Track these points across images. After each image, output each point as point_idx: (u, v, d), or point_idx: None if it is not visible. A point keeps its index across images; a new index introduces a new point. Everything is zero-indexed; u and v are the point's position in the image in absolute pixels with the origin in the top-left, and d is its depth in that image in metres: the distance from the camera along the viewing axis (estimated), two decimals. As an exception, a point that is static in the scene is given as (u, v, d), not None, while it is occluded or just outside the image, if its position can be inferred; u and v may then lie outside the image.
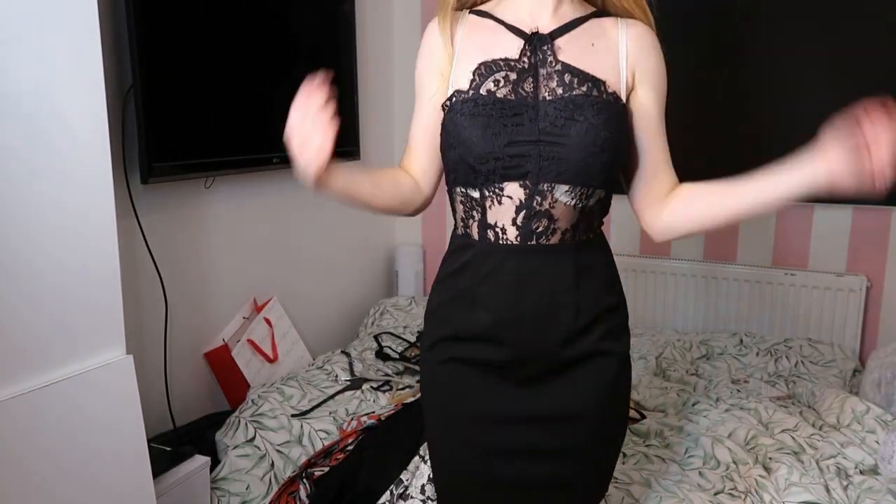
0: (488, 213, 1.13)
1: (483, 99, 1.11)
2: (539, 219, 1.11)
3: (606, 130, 1.09)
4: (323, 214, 2.94)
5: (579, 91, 1.11)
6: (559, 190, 1.10)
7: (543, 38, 1.14)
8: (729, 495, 1.69)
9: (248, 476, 1.96)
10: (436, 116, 1.19)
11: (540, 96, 1.11)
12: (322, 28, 2.73)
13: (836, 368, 2.51)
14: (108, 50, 1.92)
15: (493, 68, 1.13)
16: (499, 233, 1.13)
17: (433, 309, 1.23)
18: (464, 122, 1.11)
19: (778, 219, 2.81)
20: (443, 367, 1.20)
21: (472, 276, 1.15)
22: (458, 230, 1.21)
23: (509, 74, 1.12)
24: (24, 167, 1.33)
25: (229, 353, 2.39)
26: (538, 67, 1.13)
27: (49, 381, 1.39)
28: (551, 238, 1.12)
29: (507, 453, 1.18)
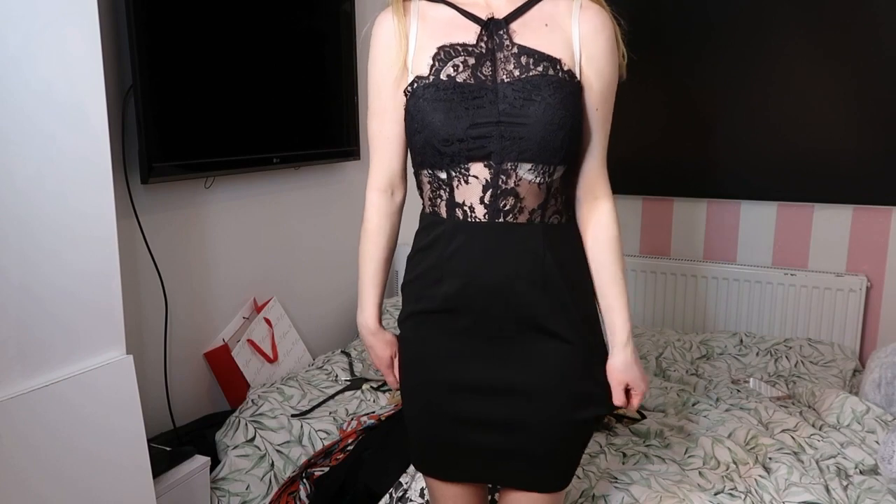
0: (456, 193, 1.18)
1: (444, 84, 1.15)
2: (505, 197, 1.16)
3: (563, 108, 1.14)
4: (323, 214, 2.94)
5: (535, 72, 1.15)
6: (522, 168, 1.15)
7: (499, 22, 1.19)
8: (729, 495, 1.69)
9: (248, 476, 1.96)
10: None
11: (498, 79, 1.16)
12: (322, 28, 2.73)
13: (836, 368, 2.51)
14: (108, 50, 1.92)
15: (452, 53, 1.17)
16: (467, 211, 1.18)
17: (405, 284, 1.30)
18: (426, 107, 1.15)
19: (778, 219, 2.81)
20: (412, 339, 1.29)
21: (441, 251, 1.20)
22: (426, 209, 1.27)
23: (468, 59, 1.16)
24: (24, 167, 1.33)
25: (229, 353, 2.39)
26: (495, 52, 1.17)
27: (49, 381, 1.39)
28: (519, 216, 1.17)
29: (468, 421, 1.25)
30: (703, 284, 2.89)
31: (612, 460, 1.87)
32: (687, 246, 2.95)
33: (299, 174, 2.78)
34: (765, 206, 2.81)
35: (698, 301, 2.91)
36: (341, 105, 2.85)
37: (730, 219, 2.88)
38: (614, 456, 1.89)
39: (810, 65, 2.64)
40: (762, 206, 2.82)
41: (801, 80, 2.65)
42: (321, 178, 2.91)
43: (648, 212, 2.97)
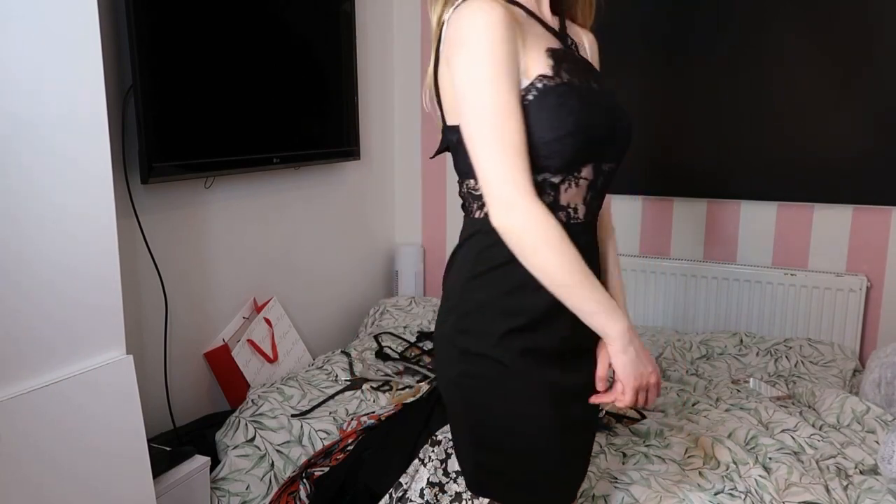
0: (562, 196, 1.13)
1: (574, 84, 1.11)
2: (599, 197, 1.20)
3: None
4: (323, 214, 2.94)
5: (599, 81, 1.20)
6: (609, 167, 1.19)
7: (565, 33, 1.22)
8: (729, 495, 1.69)
9: (248, 476, 1.96)
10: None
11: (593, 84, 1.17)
12: (322, 28, 2.73)
13: (836, 368, 2.51)
14: (108, 50, 1.93)
15: (560, 56, 1.13)
16: (570, 213, 1.15)
17: (488, 301, 1.15)
18: (576, 107, 1.10)
19: (778, 219, 2.81)
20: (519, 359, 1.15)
21: None
22: None
23: (573, 65, 1.14)
24: (24, 167, 1.33)
25: (229, 353, 2.39)
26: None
27: (49, 381, 1.39)
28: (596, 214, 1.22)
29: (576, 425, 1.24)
30: (703, 284, 2.89)
31: (612, 460, 1.87)
32: (687, 246, 2.95)
33: (299, 174, 2.78)
34: (765, 206, 2.81)
35: (698, 301, 2.91)
36: (341, 105, 2.85)
37: (730, 219, 2.88)
38: (614, 456, 1.89)
39: (810, 65, 2.64)
40: (762, 206, 2.82)
41: (802, 80, 2.65)
42: (321, 178, 2.91)
43: (648, 212, 2.97)
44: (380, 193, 3.33)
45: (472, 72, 1.05)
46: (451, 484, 1.72)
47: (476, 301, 1.16)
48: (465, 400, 1.21)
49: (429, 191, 3.40)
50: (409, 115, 3.36)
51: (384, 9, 3.24)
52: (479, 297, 1.16)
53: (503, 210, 1.06)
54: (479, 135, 1.06)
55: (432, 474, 1.74)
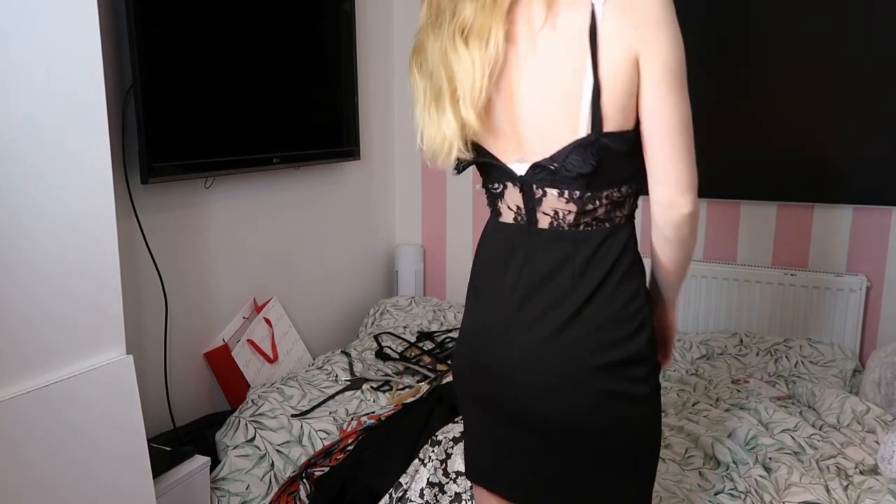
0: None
1: None
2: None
3: None
4: (323, 214, 2.94)
5: None
6: None
7: None
8: (729, 495, 1.69)
9: (248, 476, 1.96)
10: None
11: None
12: (322, 28, 2.73)
13: (836, 368, 2.51)
14: (108, 50, 1.93)
15: None
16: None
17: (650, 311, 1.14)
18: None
19: (778, 219, 2.81)
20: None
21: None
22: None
23: None
24: (24, 167, 1.33)
25: (229, 353, 2.39)
26: None
27: (49, 381, 1.39)
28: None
29: None
30: (703, 284, 2.89)
31: (612, 460, 1.87)
32: (687, 246, 2.95)
33: (299, 174, 2.78)
34: (765, 206, 2.81)
35: (698, 301, 2.91)
36: (341, 105, 2.85)
37: (730, 219, 2.88)
38: (614, 456, 1.89)
39: (810, 65, 2.64)
40: (762, 206, 2.82)
41: (802, 80, 2.65)
42: (321, 178, 2.91)
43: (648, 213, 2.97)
44: (380, 193, 3.33)
45: (682, 54, 1.01)
46: (450, 484, 1.73)
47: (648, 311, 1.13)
48: (656, 415, 1.17)
49: (429, 191, 3.40)
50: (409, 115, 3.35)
51: (384, 9, 3.24)
52: (648, 309, 1.13)
53: (693, 193, 1.08)
54: (688, 118, 1.05)
55: (432, 474, 1.74)
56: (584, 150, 1.03)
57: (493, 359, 1.13)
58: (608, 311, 1.07)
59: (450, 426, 1.89)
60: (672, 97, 1.02)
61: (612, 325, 1.07)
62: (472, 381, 1.19)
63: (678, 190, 1.06)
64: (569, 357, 1.07)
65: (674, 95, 1.02)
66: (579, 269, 1.07)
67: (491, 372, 1.14)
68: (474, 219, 3.33)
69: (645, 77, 1.01)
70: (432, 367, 2.56)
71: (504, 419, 1.15)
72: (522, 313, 1.10)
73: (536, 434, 1.13)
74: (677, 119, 1.03)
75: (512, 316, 1.11)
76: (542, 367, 1.08)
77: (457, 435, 1.85)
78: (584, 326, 1.07)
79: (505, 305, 1.12)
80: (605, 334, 1.07)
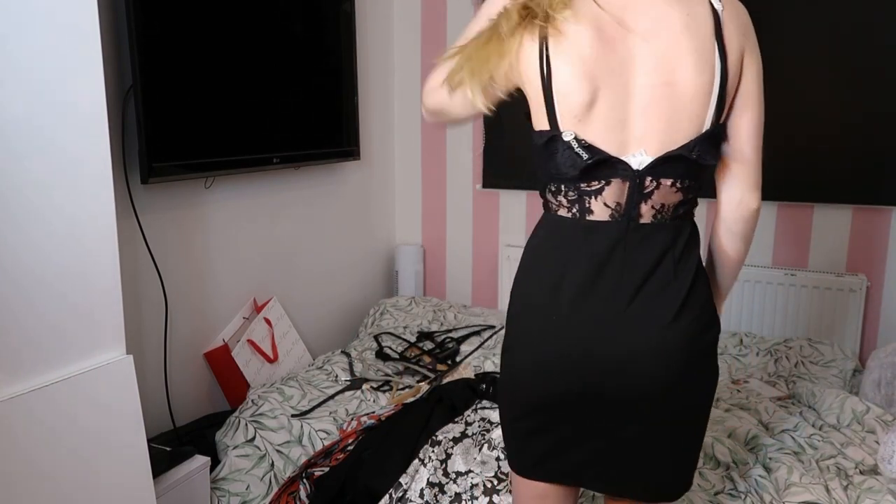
0: None
1: None
2: None
3: None
4: (323, 214, 2.94)
5: None
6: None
7: None
8: (729, 495, 1.69)
9: (248, 476, 1.96)
10: None
11: None
12: (322, 28, 2.73)
13: (836, 368, 2.51)
14: (108, 50, 1.93)
15: None
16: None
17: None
18: None
19: (778, 219, 2.81)
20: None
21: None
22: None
23: None
24: (24, 167, 1.33)
25: (229, 353, 2.39)
26: None
27: (49, 381, 1.39)
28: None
29: None
30: (703, 284, 2.89)
31: (612, 460, 1.87)
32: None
33: (299, 174, 2.78)
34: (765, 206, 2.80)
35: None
36: (341, 105, 2.85)
37: (730, 219, 2.88)
38: (614, 456, 1.89)
39: (810, 64, 2.64)
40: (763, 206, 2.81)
41: (801, 79, 2.65)
42: (321, 178, 2.91)
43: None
44: (380, 193, 3.33)
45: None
46: (450, 484, 1.73)
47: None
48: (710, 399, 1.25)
49: (429, 191, 3.40)
50: (409, 115, 3.36)
51: (384, 9, 3.24)
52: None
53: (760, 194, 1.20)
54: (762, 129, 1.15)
55: (432, 474, 1.74)
56: (711, 141, 1.11)
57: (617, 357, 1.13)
58: (705, 293, 1.17)
59: (450, 426, 1.89)
60: (761, 99, 1.13)
61: (708, 304, 1.17)
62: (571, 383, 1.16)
63: (749, 186, 1.18)
64: (688, 342, 1.14)
65: (761, 99, 1.13)
66: (678, 258, 1.14)
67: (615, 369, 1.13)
68: (474, 219, 3.33)
69: (745, 79, 1.12)
70: (432, 367, 2.56)
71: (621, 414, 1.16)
72: (634, 306, 1.12)
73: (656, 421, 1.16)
74: (762, 121, 1.14)
75: (622, 311, 1.12)
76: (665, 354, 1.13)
77: (457, 435, 1.85)
78: (693, 310, 1.14)
79: (614, 304, 1.13)
80: (706, 315, 1.17)
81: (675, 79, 1.07)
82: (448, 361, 2.60)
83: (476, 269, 3.38)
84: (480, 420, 1.91)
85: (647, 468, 1.19)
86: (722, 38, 1.08)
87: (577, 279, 1.13)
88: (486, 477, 1.71)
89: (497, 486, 1.69)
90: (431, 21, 3.26)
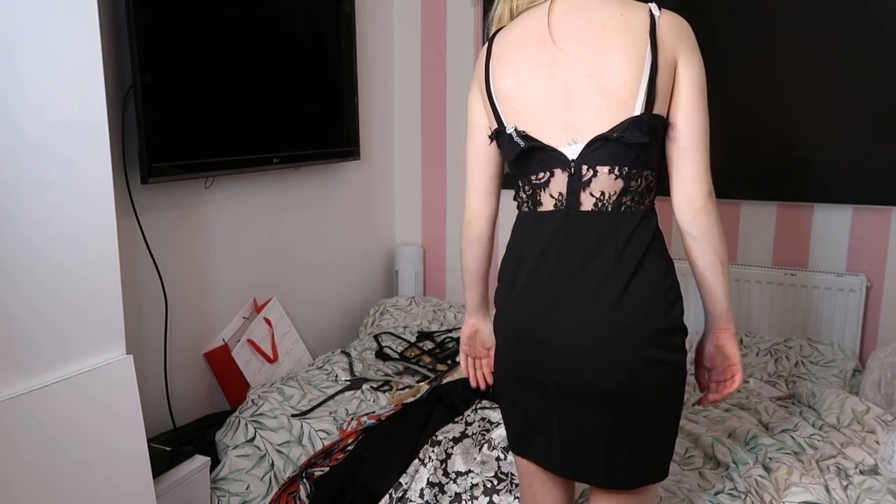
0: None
1: None
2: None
3: None
4: (323, 214, 2.94)
5: None
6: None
7: None
8: (729, 495, 1.69)
9: (248, 476, 1.96)
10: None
11: None
12: (322, 28, 2.73)
13: (836, 368, 2.51)
14: (108, 50, 1.93)
15: None
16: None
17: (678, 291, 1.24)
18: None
19: (778, 219, 2.81)
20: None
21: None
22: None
23: None
24: (24, 167, 1.33)
25: (229, 353, 2.39)
26: None
27: (49, 381, 1.39)
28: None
29: None
30: (703, 284, 2.89)
31: (612, 460, 1.87)
32: (687, 246, 2.96)
33: (299, 174, 2.78)
34: (765, 206, 2.81)
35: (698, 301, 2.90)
36: (341, 105, 2.85)
37: (730, 219, 2.87)
38: (614, 456, 1.89)
39: (810, 64, 2.64)
40: (763, 206, 2.82)
41: (802, 79, 2.65)
42: (321, 178, 2.91)
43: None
44: (380, 193, 3.33)
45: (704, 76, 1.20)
46: (450, 484, 1.73)
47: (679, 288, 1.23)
48: (685, 381, 1.26)
49: (429, 191, 3.40)
50: (409, 115, 3.36)
51: (384, 9, 3.24)
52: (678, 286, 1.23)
53: (710, 194, 1.20)
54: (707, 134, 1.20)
55: (432, 474, 1.74)
56: (639, 125, 1.15)
57: (547, 339, 1.20)
58: (651, 285, 1.17)
59: (450, 426, 1.89)
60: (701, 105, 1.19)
61: (654, 297, 1.17)
62: (521, 362, 1.25)
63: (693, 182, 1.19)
64: (624, 328, 1.16)
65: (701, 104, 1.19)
66: (621, 247, 1.17)
67: (546, 350, 1.20)
68: (474, 219, 3.33)
69: (680, 80, 1.18)
70: (432, 367, 2.56)
71: (557, 396, 1.21)
72: (573, 292, 1.18)
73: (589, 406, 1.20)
74: (702, 122, 1.18)
75: (561, 297, 1.19)
76: (602, 341, 1.16)
77: (457, 435, 1.85)
78: (633, 299, 1.16)
79: (551, 288, 1.20)
80: (650, 306, 1.17)
81: (604, 69, 1.15)
82: (448, 361, 2.60)
83: (476, 269, 3.37)
84: (480, 420, 1.91)
85: (594, 454, 1.22)
86: (655, 36, 1.16)
87: (527, 267, 1.23)
88: (486, 477, 1.71)
89: (497, 486, 1.69)
90: (431, 21, 3.26)
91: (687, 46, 1.19)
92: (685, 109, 1.18)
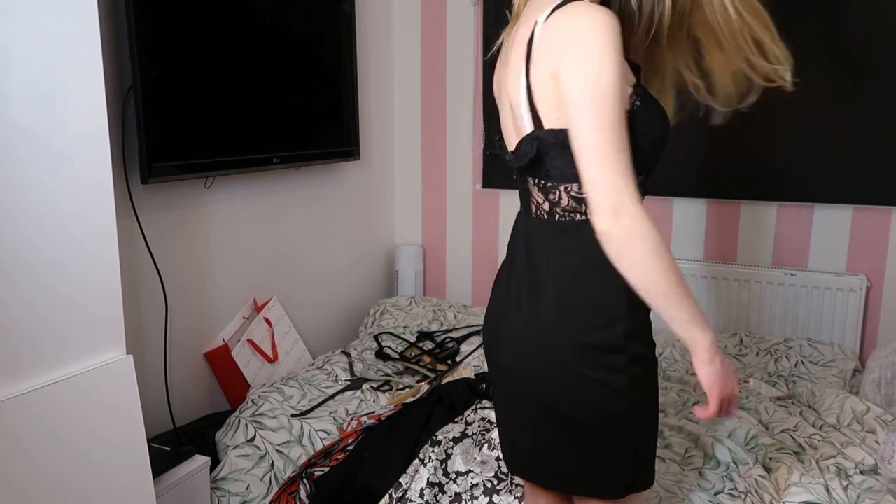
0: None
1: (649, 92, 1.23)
2: None
3: None
4: (323, 214, 2.94)
5: None
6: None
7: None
8: (729, 495, 1.69)
9: (248, 476, 1.96)
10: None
11: None
12: (322, 28, 2.73)
13: (836, 368, 2.51)
14: (108, 50, 1.93)
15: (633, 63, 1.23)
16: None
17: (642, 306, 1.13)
18: (660, 113, 1.20)
19: (778, 219, 2.81)
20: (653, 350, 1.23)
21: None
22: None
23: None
24: (23, 167, 1.33)
25: (229, 353, 2.39)
26: None
27: (49, 381, 1.39)
28: None
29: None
30: (703, 284, 2.89)
31: (612, 460, 1.87)
32: (687, 246, 2.95)
33: (299, 174, 2.78)
34: (765, 206, 2.81)
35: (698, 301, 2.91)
36: (341, 105, 2.85)
37: (730, 219, 2.88)
38: (614, 456, 1.89)
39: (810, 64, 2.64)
40: (763, 206, 2.82)
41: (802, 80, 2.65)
42: (321, 178, 2.91)
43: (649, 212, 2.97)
44: (380, 193, 3.33)
45: (598, 76, 1.03)
46: (450, 484, 1.73)
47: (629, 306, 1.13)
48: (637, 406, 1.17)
49: (429, 191, 3.40)
50: (409, 115, 3.36)
51: (384, 9, 3.24)
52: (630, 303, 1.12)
53: (610, 215, 1.04)
54: (600, 140, 1.03)
55: (432, 474, 1.75)
56: (530, 142, 1.15)
57: (496, 338, 1.26)
58: (583, 298, 1.14)
59: (450, 426, 1.89)
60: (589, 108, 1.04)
61: (588, 311, 1.13)
62: (487, 359, 1.32)
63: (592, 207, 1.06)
64: (551, 340, 1.15)
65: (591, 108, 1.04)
66: (553, 256, 1.17)
67: (494, 348, 1.27)
68: (474, 219, 3.33)
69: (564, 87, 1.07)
70: (432, 367, 2.56)
71: (507, 394, 1.28)
72: (512, 295, 1.22)
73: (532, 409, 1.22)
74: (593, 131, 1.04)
75: (507, 298, 1.24)
76: (529, 346, 1.18)
77: (457, 435, 1.85)
78: (561, 309, 1.14)
79: (506, 289, 1.25)
80: (582, 319, 1.13)
81: (508, 87, 1.19)
82: (448, 361, 2.60)
83: (476, 269, 3.38)
84: (480, 420, 1.91)
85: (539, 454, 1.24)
86: (529, 60, 1.12)
87: (503, 266, 1.30)
88: (486, 477, 1.71)
89: (497, 486, 1.69)
90: (431, 21, 3.26)
91: (570, 59, 1.06)
92: (570, 114, 1.06)
